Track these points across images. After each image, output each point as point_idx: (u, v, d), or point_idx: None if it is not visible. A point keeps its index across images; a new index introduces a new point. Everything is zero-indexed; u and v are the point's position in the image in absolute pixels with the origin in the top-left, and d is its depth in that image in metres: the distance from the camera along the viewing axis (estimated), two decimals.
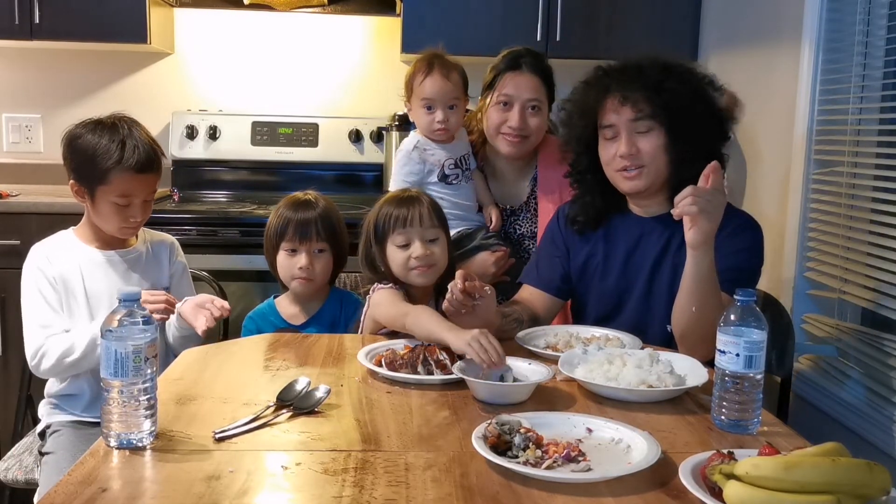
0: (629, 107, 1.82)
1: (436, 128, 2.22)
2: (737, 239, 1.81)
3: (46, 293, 1.96)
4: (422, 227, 1.84)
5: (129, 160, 1.91)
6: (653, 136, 1.83)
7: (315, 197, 2.11)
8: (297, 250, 2.03)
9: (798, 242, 2.44)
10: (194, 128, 3.44)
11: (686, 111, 1.81)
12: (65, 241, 2.04)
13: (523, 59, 2.25)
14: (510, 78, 2.23)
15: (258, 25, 3.60)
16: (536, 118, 2.24)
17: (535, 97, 2.22)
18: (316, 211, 2.05)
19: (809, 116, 2.41)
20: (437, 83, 2.20)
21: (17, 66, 3.52)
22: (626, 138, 1.83)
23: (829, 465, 1.02)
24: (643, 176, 1.84)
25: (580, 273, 1.98)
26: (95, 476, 1.13)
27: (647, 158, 1.83)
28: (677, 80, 1.84)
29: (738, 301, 1.33)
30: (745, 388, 1.32)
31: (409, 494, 1.08)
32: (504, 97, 2.23)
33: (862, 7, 2.28)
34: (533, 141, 2.26)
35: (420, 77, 2.22)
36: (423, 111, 2.23)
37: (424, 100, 2.22)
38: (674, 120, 1.81)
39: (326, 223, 2.05)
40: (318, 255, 2.04)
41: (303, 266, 2.02)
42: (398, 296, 1.82)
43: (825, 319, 2.38)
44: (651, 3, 3.25)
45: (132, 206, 1.95)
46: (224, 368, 1.65)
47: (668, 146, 1.82)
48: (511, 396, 1.44)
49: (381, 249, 1.87)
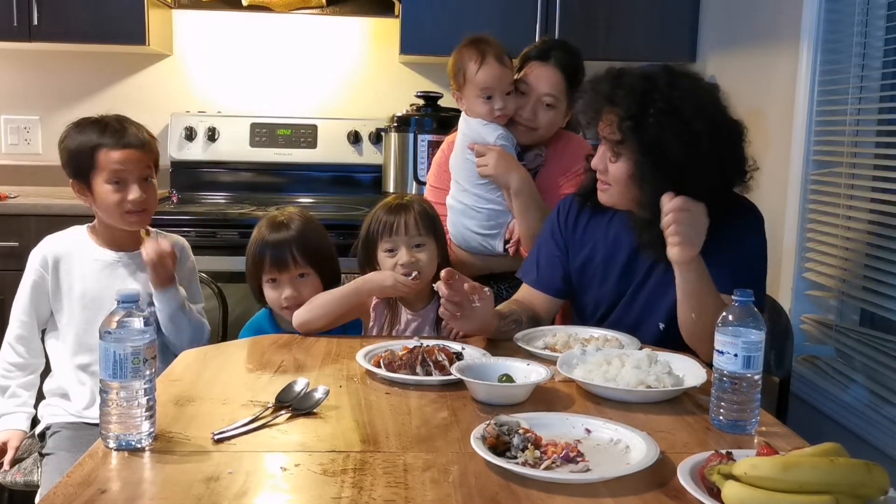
0: (607, 127, 1.78)
1: (497, 115, 2.18)
2: (735, 234, 1.80)
3: (32, 292, 2.02)
4: (407, 236, 1.89)
5: (110, 137, 1.95)
6: (620, 164, 1.78)
7: (289, 217, 1.98)
8: (277, 280, 1.94)
9: (797, 243, 2.44)
10: (193, 129, 3.44)
11: (667, 145, 1.69)
12: (76, 237, 2.06)
13: (553, 52, 2.22)
14: (535, 67, 2.22)
15: (257, 27, 3.60)
16: (549, 113, 2.22)
17: (551, 92, 2.20)
18: (289, 233, 1.94)
19: (808, 117, 2.41)
20: (495, 71, 2.15)
21: (15, 68, 3.52)
22: (600, 154, 1.82)
23: (827, 465, 1.02)
24: (608, 193, 1.83)
25: (580, 272, 1.98)
26: (94, 477, 1.13)
27: (612, 180, 1.81)
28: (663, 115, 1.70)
29: (737, 301, 1.33)
30: (744, 389, 1.32)
31: (408, 495, 1.08)
32: (524, 85, 2.22)
33: (860, 8, 2.28)
34: (542, 134, 2.24)
35: (474, 66, 2.16)
36: (479, 100, 2.18)
37: (483, 89, 2.16)
38: (646, 156, 1.72)
39: (303, 246, 1.93)
40: (302, 279, 1.94)
41: (287, 296, 1.93)
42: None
43: (824, 320, 2.38)
44: (650, 4, 3.26)
45: (127, 185, 1.96)
46: (223, 369, 1.65)
47: (634, 177, 1.76)
48: (510, 397, 1.44)
49: (372, 254, 1.93)
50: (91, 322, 1.99)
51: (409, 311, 1.96)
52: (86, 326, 2.00)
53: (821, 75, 2.39)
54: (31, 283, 2.03)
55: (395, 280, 1.85)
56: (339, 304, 1.86)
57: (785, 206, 2.49)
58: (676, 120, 1.70)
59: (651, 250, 1.79)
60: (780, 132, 2.55)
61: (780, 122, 2.55)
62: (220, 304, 2.40)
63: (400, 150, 3.28)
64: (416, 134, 3.23)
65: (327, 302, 1.86)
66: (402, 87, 3.55)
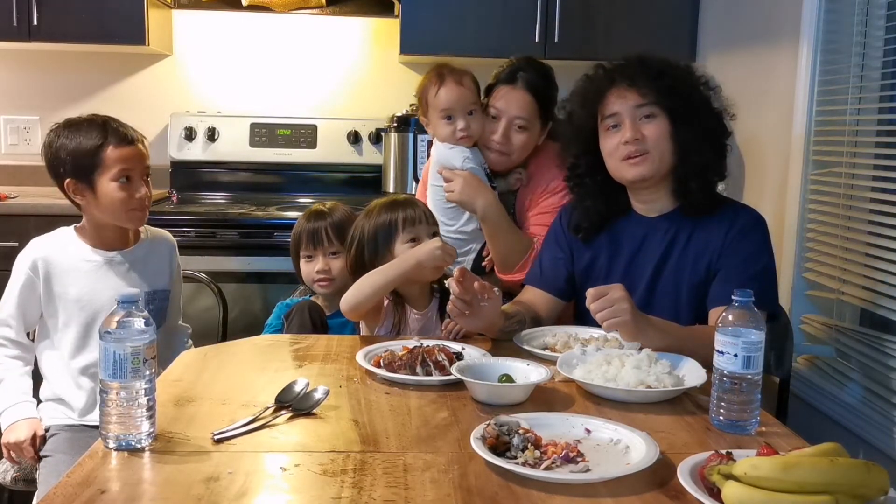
0: (634, 92, 1.83)
1: (459, 136, 2.18)
2: (743, 243, 1.81)
3: (22, 294, 1.98)
4: (428, 224, 1.94)
5: (113, 134, 1.95)
6: (657, 122, 1.83)
7: (330, 207, 2.19)
8: (312, 256, 2.13)
9: (796, 243, 2.44)
10: (193, 129, 3.44)
11: (688, 99, 1.83)
12: (64, 239, 2.03)
13: (520, 74, 2.21)
14: (504, 91, 2.22)
15: (256, 27, 3.60)
16: (521, 136, 2.20)
17: (522, 115, 2.19)
18: (327, 220, 2.14)
19: (808, 117, 2.41)
20: (453, 91, 2.17)
21: (15, 68, 3.52)
22: (630, 125, 1.83)
23: (827, 465, 1.02)
24: (648, 162, 1.83)
25: (584, 276, 1.98)
26: (94, 477, 1.13)
27: (652, 144, 1.82)
28: (677, 71, 1.87)
29: (736, 302, 1.33)
30: (744, 389, 1.32)
31: (408, 495, 1.08)
32: (493, 109, 2.22)
33: (860, 8, 2.28)
34: (515, 159, 2.23)
35: (433, 89, 2.19)
36: (442, 122, 2.19)
37: (443, 111, 2.18)
38: (677, 107, 1.82)
39: (338, 229, 2.12)
40: (334, 257, 2.12)
41: (319, 269, 2.11)
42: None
43: (824, 320, 2.38)
44: (649, 4, 3.26)
45: (133, 180, 1.96)
46: (223, 370, 1.64)
47: (672, 133, 1.83)
48: (509, 397, 1.44)
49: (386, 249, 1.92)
50: (89, 324, 1.98)
51: (416, 311, 1.96)
52: (84, 329, 1.99)
53: (820, 75, 2.39)
54: (19, 288, 1.98)
55: (441, 246, 1.81)
56: (389, 280, 1.84)
57: (785, 206, 2.49)
58: (692, 77, 1.89)
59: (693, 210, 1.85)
60: (780, 132, 2.55)
61: (780, 123, 2.55)
62: (220, 304, 2.40)
63: (400, 150, 3.28)
64: (415, 134, 3.23)
65: (375, 281, 1.83)
66: (402, 88, 3.55)
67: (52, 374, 2.03)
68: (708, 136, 1.85)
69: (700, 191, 1.84)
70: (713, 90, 1.89)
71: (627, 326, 1.59)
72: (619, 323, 1.58)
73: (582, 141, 1.94)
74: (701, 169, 1.84)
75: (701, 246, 1.84)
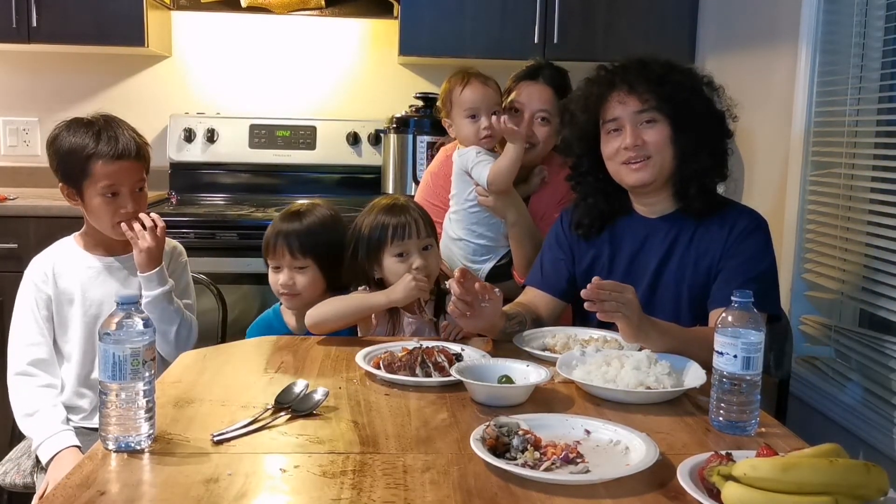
0: (635, 98, 1.83)
1: (483, 135, 2.19)
2: (744, 245, 1.81)
3: (38, 312, 1.96)
4: (419, 239, 1.90)
5: (105, 147, 1.91)
6: (658, 128, 1.83)
7: (307, 209, 2.04)
8: (279, 267, 2.00)
9: (796, 244, 2.44)
10: (192, 131, 3.44)
11: (689, 104, 1.83)
12: (65, 251, 2.02)
13: (542, 71, 2.29)
14: (525, 86, 2.28)
15: (256, 28, 3.60)
16: (544, 128, 2.26)
17: (545, 108, 2.25)
18: (298, 225, 1.99)
19: (807, 118, 2.41)
20: (478, 90, 2.20)
21: (14, 70, 3.52)
22: (630, 130, 1.83)
23: (826, 466, 1.02)
24: (649, 167, 1.84)
25: (585, 276, 1.97)
26: (93, 479, 1.13)
27: (653, 149, 1.83)
28: (679, 75, 1.87)
29: (736, 303, 1.33)
30: (743, 390, 1.32)
31: (408, 497, 1.08)
32: (516, 104, 2.27)
33: (859, 8, 2.29)
34: (539, 151, 2.27)
35: (459, 88, 2.22)
36: (466, 121, 2.21)
37: (468, 109, 2.20)
38: (678, 112, 1.83)
39: (309, 239, 1.97)
40: (301, 271, 1.98)
41: (283, 283, 1.99)
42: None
43: (823, 321, 2.38)
44: (649, 5, 3.26)
45: (120, 195, 1.93)
46: (222, 371, 1.64)
47: (673, 138, 1.83)
48: (509, 398, 1.44)
49: (376, 258, 1.91)
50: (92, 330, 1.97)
51: (409, 315, 1.96)
52: (91, 337, 1.98)
53: (819, 76, 2.39)
54: (32, 305, 1.95)
55: (416, 285, 1.82)
56: (356, 313, 1.89)
57: (784, 207, 2.49)
58: (694, 79, 1.88)
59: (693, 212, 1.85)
60: (779, 133, 2.55)
61: (779, 123, 2.55)
62: (220, 305, 2.40)
63: (399, 151, 3.28)
64: (415, 135, 3.22)
65: (341, 310, 1.87)
66: (401, 89, 3.55)
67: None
68: (709, 141, 1.85)
69: (700, 195, 1.84)
70: (716, 91, 1.89)
71: (629, 323, 1.59)
72: (620, 316, 1.58)
73: (584, 142, 1.94)
74: (701, 173, 1.84)
75: (703, 247, 1.85)
